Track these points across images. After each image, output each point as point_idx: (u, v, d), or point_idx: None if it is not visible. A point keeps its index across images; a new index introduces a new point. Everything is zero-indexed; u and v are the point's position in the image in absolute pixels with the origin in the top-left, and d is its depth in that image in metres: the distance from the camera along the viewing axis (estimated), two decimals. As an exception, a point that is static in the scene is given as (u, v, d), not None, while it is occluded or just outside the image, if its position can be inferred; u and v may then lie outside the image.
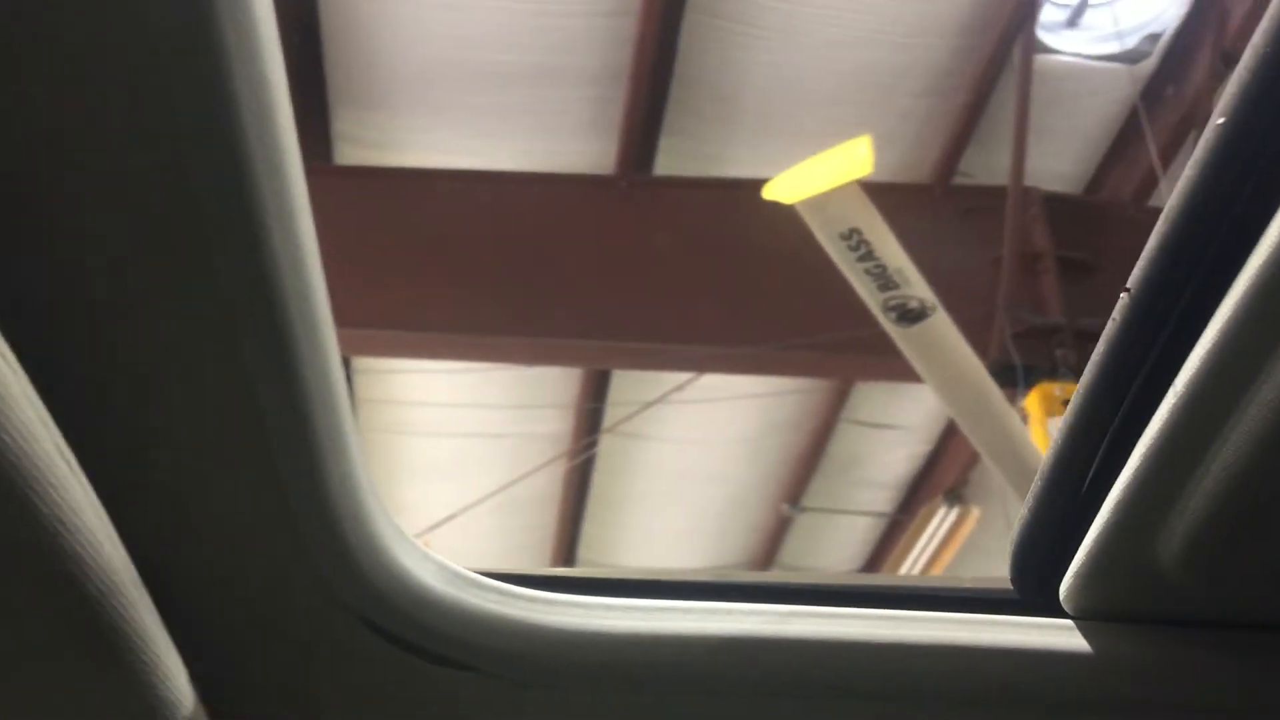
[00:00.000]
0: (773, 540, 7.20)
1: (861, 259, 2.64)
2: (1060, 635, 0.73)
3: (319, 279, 0.60)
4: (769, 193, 2.37)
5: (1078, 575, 0.71)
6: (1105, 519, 0.67)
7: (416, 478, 6.59)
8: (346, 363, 6.24)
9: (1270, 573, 0.68)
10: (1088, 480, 0.68)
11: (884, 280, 2.68)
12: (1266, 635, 0.72)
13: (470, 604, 0.70)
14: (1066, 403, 3.30)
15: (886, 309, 2.73)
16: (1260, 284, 0.55)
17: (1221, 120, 0.56)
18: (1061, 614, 0.74)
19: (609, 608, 0.73)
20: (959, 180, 5.41)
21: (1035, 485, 0.72)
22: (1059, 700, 0.73)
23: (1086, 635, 0.72)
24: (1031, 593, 0.75)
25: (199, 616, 0.68)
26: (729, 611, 0.73)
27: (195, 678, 0.66)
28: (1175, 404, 0.61)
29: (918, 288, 2.71)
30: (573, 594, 0.73)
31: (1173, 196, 0.60)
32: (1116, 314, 0.64)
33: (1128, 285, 0.63)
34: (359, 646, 0.69)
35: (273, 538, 0.66)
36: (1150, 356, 0.63)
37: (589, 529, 6.99)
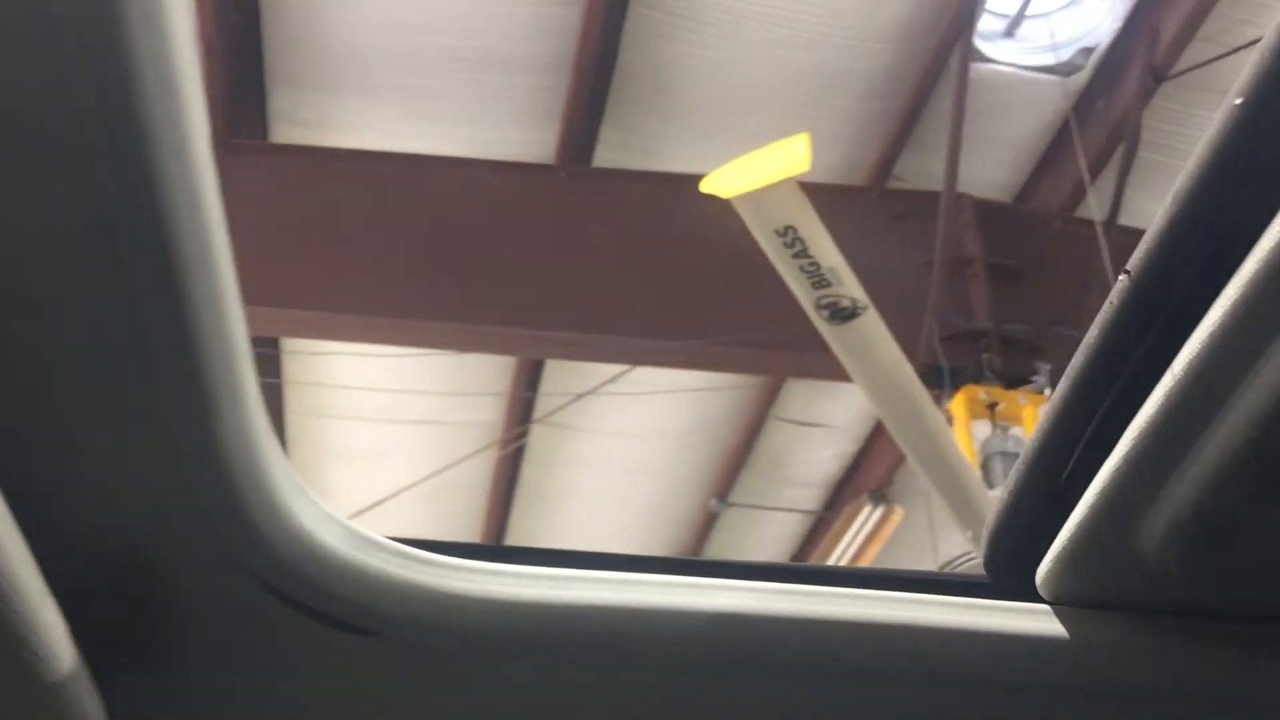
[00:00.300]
0: (699, 535, 7.24)
1: (796, 256, 2.66)
2: (1037, 620, 0.72)
3: (216, 213, 0.55)
4: (707, 186, 2.38)
5: (1056, 560, 0.70)
6: (1089, 504, 0.66)
7: (346, 462, 6.52)
8: (275, 344, 6.18)
9: (1252, 563, 0.67)
10: (1070, 465, 0.67)
11: (817, 278, 2.70)
12: (1244, 626, 0.71)
13: (373, 567, 0.68)
14: (991, 406, 3.36)
15: (819, 307, 2.76)
16: (1268, 269, 0.54)
17: (1239, 100, 0.54)
18: (1034, 599, 0.73)
19: (518, 575, 0.70)
20: (894, 184, 5.48)
21: (1016, 470, 0.71)
22: (1034, 684, 0.72)
23: (1063, 620, 0.71)
24: (1004, 578, 0.74)
25: (81, 571, 0.64)
26: (645, 583, 0.71)
27: (77, 635, 0.63)
28: (1172, 387, 0.59)
29: (850, 287, 2.74)
30: (484, 561, 0.71)
31: (1182, 177, 0.58)
32: (1114, 297, 0.62)
33: (1127, 268, 0.61)
34: (254, 608, 0.66)
35: (160, 490, 0.62)
36: (1147, 340, 0.61)
37: (517, 519, 6.98)
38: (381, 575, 0.68)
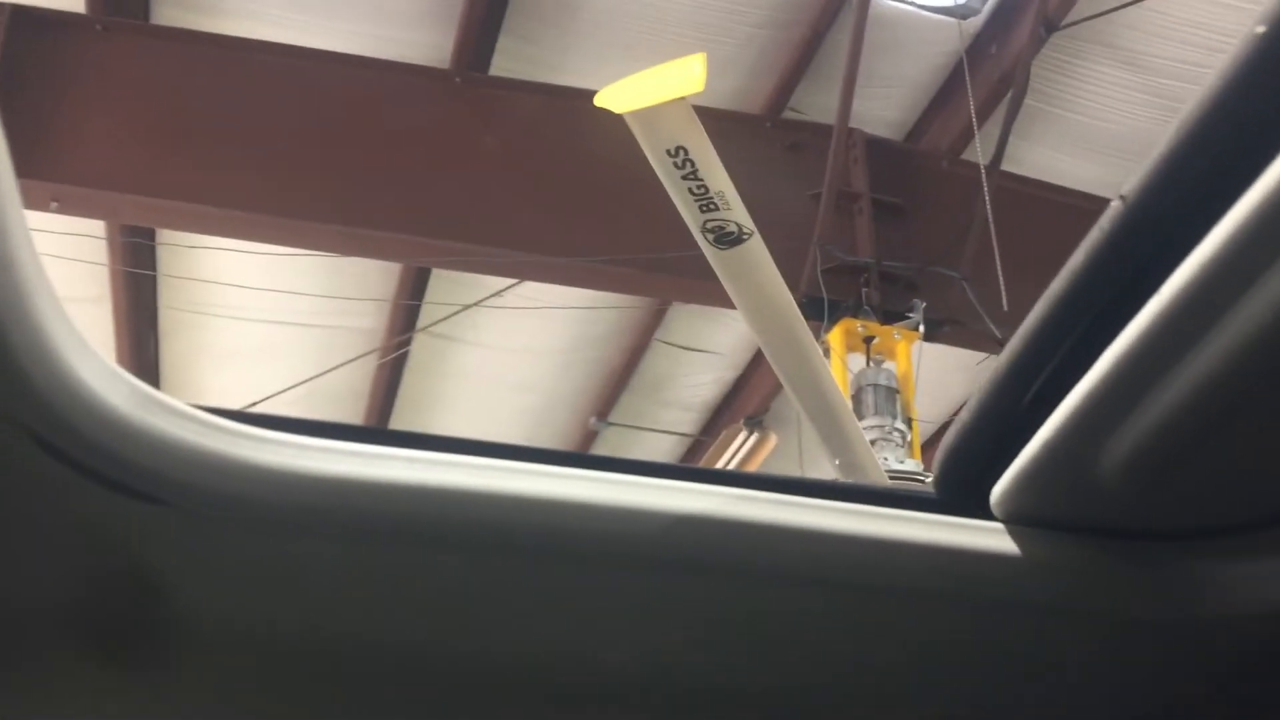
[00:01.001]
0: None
1: (686, 178, 2.66)
2: (990, 537, 0.71)
3: None
4: (600, 101, 2.36)
5: (1015, 479, 0.69)
6: (1057, 424, 0.66)
7: (221, 361, 6.39)
8: (152, 235, 5.97)
9: (1210, 487, 0.68)
10: (1036, 387, 0.67)
11: (705, 201, 2.71)
12: (1194, 546, 0.71)
13: (163, 431, 0.62)
14: (867, 340, 3.44)
15: (705, 230, 2.78)
16: (1269, 200, 0.53)
17: (1262, 29, 0.52)
18: (985, 517, 0.72)
19: (325, 450, 0.66)
20: (789, 115, 5.52)
21: (980, 389, 0.69)
22: (984, 600, 0.71)
23: (1016, 538, 0.71)
24: (955, 494, 0.73)
25: None
26: (457, 464, 0.67)
27: None
28: (1159, 312, 0.59)
29: (737, 212, 2.76)
30: (294, 434, 0.66)
31: (1191, 104, 0.56)
32: (1105, 222, 0.60)
33: (1122, 193, 0.59)
34: (27, 466, 0.60)
35: None
36: (1133, 265, 0.60)
37: (396, 427, 6.94)
38: (173, 440, 0.62)
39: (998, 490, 0.71)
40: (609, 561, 0.69)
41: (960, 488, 0.73)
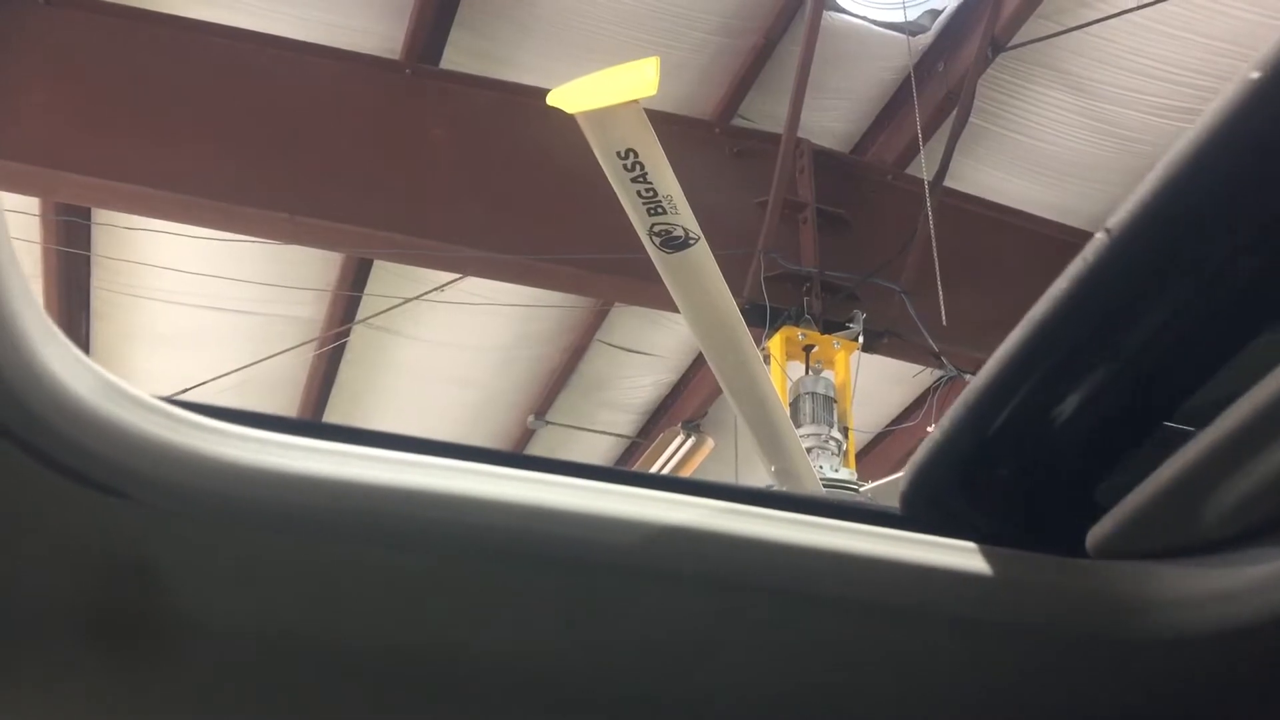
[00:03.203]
0: (515, 450, 7.29)
1: (635, 180, 2.67)
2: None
3: None
4: (552, 100, 2.37)
5: (1115, 521, 0.69)
6: (1172, 470, 0.65)
7: (154, 345, 6.29)
8: (87, 214, 5.85)
9: None
10: (1008, 411, 0.68)
11: (654, 204, 2.73)
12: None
13: (127, 423, 0.61)
14: (807, 348, 3.47)
15: (652, 233, 2.79)
16: None
17: (1256, 75, 0.53)
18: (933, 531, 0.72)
19: (289, 446, 0.65)
20: (738, 122, 5.56)
21: (952, 410, 0.70)
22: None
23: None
24: (921, 511, 0.73)
25: None
26: (424, 465, 0.67)
27: None
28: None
29: (685, 217, 2.78)
30: (260, 429, 0.65)
31: (1182, 141, 0.56)
32: (1089, 253, 0.61)
33: (1107, 225, 0.60)
34: None
35: None
36: (1116, 296, 0.61)
37: (331, 419, 6.88)
38: (136, 432, 0.61)
39: (1101, 527, 0.71)
40: (577, 567, 0.68)
41: (926, 504, 0.73)
